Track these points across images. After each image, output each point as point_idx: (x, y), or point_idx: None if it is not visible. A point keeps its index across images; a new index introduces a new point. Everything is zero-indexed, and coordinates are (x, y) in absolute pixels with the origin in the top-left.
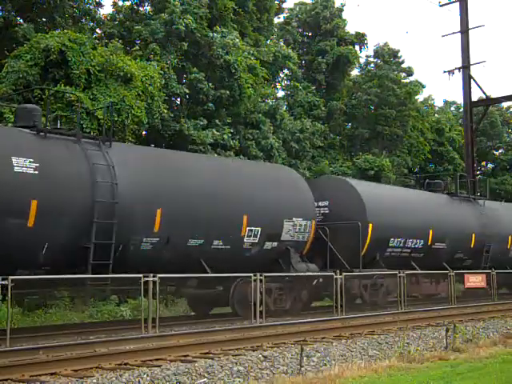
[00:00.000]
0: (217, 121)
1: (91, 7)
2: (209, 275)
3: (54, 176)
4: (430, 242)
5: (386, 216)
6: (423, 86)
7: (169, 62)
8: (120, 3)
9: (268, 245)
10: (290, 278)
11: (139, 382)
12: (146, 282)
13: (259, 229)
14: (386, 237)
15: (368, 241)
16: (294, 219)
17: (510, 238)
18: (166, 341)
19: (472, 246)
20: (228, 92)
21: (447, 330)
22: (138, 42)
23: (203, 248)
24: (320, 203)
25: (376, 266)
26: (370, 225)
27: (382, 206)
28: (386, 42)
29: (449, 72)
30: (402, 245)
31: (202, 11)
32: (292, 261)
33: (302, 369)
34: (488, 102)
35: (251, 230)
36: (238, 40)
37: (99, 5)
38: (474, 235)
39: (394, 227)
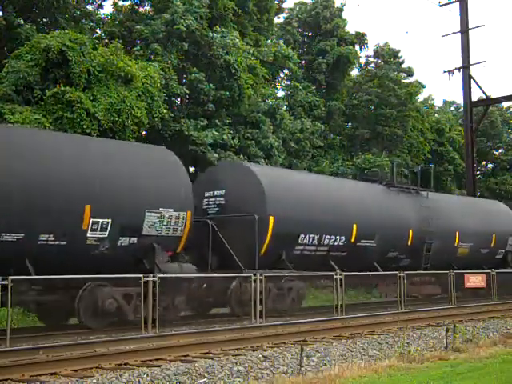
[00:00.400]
0: (216, 121)
1: (92, 8)
2: (214, 275)
3: None
4: (353, 239)
5: (295, 208)
6: (423, 87)
7: (169, 62)
8: (120, 3)
9: (123, 241)
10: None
11: (139, 382)
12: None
13: (109, 221)
14: (293, 232)
15: (269, 237)
16: (160, 210)
17: (457, 234)
18: (166, 341)
19: (409, 243)
20: (228, 93)
21: (447, 330)
22: (139, 41)
23: (25, 244)
24: (216, 193)
25: (281, 266)
26: (271, 218)
27: (290, 196)
28: (386, 42)
29: (449, 72)
30: (316, 242)
31: (203, 11)
32: (157, 260)
33: (302, 369)
34: (488, 101)
35: (97, 223)
36: (237, 40)
37: (100, 6)
38: (411, 231)
39: (304, 221)
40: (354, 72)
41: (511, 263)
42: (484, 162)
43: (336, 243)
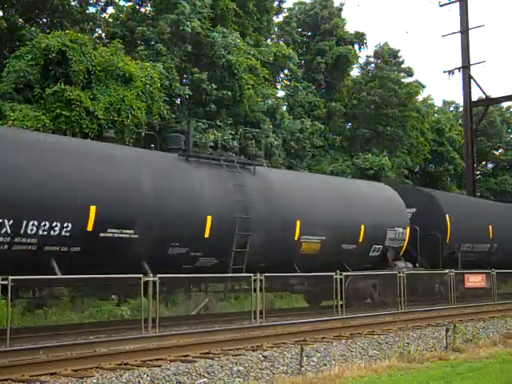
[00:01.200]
0: (217, 121)
1: (95, 10)
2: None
3: None
4: (91, 227)
5: None
6: (423, 87)
7: (172, 62)
8: (121, 3)
9: None
10: None
11: (139, 382)
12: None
13: None
14: None
15: None
16: None
17: (298, 223)
18: (165, 341)
19: (207, 235)
20: (229, 93)
21: (447, 330)
22: (140, 42)
23: None
24: None
25: None
26: None
27: None
28: (386, 42)
29: (449, 72)
30: (8, 230)
31: (206, 11)
32: None
33: (302, 369)
34: (488, 101)
35: None
36: (238, 40)
37: (103, 9)
38: (210, 218)
39: None
40: (354, 72)
41: (391, 262)
42: (484, 162)
43: (55, 233)
